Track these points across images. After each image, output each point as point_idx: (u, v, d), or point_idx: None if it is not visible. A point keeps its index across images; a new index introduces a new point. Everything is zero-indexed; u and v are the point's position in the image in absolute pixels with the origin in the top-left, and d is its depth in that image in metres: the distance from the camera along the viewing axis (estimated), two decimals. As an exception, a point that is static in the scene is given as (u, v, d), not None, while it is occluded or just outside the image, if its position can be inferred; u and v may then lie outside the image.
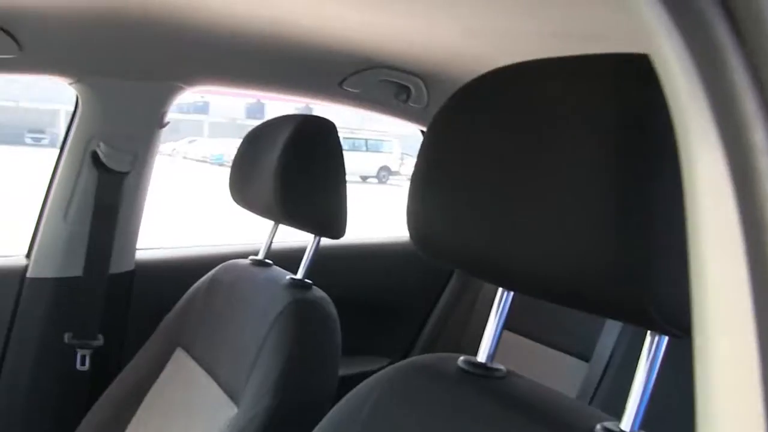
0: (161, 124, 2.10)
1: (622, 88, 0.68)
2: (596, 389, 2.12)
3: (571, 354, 2.38)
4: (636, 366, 0.78)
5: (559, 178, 0.71)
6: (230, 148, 25.27)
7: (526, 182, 0.73)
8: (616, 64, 0.69)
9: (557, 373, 2.32)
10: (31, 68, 1.90)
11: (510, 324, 0.95)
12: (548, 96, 0.75)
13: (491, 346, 0.95)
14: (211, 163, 25.23)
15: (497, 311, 0.95)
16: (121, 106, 2.03)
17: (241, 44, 1.92)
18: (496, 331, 0.95)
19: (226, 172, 1.78)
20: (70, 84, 1.98)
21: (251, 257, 1.82)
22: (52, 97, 34.78)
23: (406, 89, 2.27)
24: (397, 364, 1.04)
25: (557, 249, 0.71)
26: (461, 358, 0.97)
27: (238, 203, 1.77)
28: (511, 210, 0.75)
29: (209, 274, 1.86)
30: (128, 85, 2.00)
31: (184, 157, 29.69)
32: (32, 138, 33.55)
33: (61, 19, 1.70)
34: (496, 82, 0.82)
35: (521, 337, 2.47)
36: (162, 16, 1.69)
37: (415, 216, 0.88)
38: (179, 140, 32.94)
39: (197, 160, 27.94)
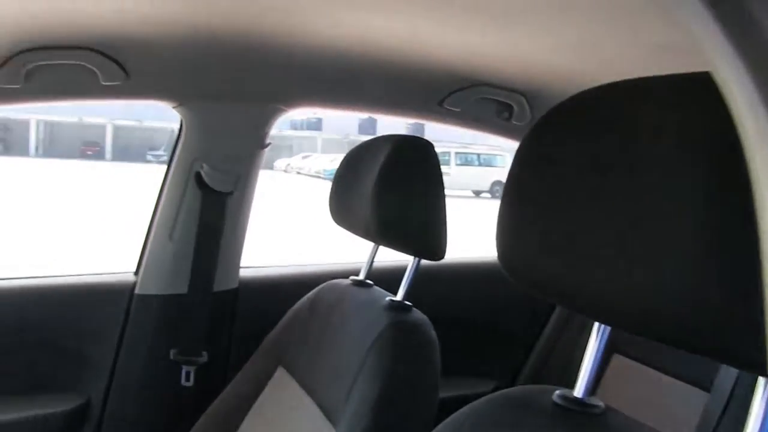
0: (263, 145, 2.13)
1: (723, 112, 0.63)
2: (717, 424, 1.99)
3: (688, 382, 2.23)
4: None
5: (658, 207, 0.66)
6: (343, 163, 25.74)
7: (623, 210, 0.69)
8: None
9: (673, 403, 2.20)
10: (137, 94, 1.97)
11: (621, 348, 0.90)
12: (644, 119, 0.71)
13: (588, 380, 0.91)
14: (324, 178, 25.63)
15: (595, 345, 0.90)
16: (224, 128, 2.07)
17: (342, 65, 1.93)
18: (593, 365, 0.90)
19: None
20: (174, 108, 2.04)
21: (352, 277, 1.82)
22: (172, 116, 36.04)
23: (508, 107, 2.23)
24: (491, 395, 1.00)
25: (657, 284, 0.65)
26: (557, 392, 0.93)
27: (338, 224, 1.77)
28: (608, 239, 0.71)
29: (311, 293, 1.86)
30: (230, 107, 2.04)
31: (298, 173, 30.30)
32: (152, 155, 34.95)
33: (164, 45, 1.75)
34: (589, 102, 0.78)
35: (634, 362, 2.36)
36: (264, 40, 1.72)
37: (504, 241, 0.84)
38: (293, 156, 33.61)
39: (311, 176, 28.48)
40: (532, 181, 0.81)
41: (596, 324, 0.89)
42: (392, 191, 1.54)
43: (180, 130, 2.10)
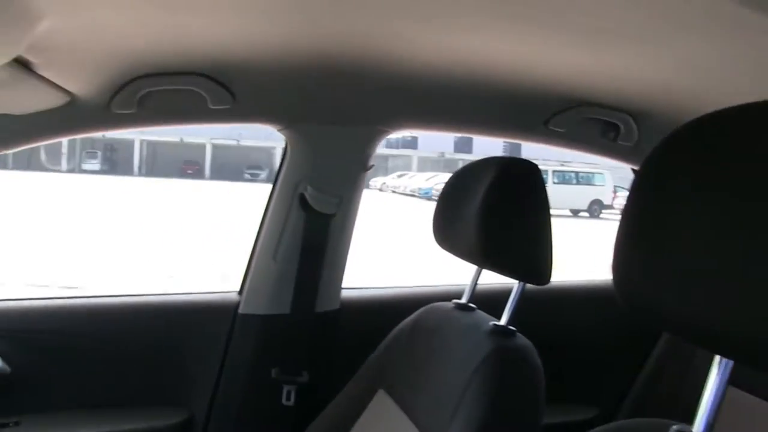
0: (366, 167, 2.14)
1: None
2: None
3: None
4: None
5: None
6: (438, 182, 25.67)
7: (760, 240, 0.66)
8: None
9: None
10: (243, 117, 2.01)
11: (739, 381, 0.85)
12: None
13: (708, 417, 0.86)
14: (420, 197, 25.65)
15: (716, 381, 0.85)
16: (327, 150, 2.10)
17: (446, 87, 1.92)
18: (713, 401, 0.86)
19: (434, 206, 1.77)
20: (279, 130, 2.07)
21: (454, 301, 1.80)
22: (270, 135, 36.81)
23: (615, 127, 2.17)
24: (604, 427, 0.97)
25: None
26: (675, 427, 0.88)
27: (441, 246, 1.75)
28: (735, 270, 0.67)
29: (413, 316, 1.85)
30: (334, 130, 2.07)
31: (393, 191, 30.39)
32: (250, 174, 35.75)
33: (271, 70, 1.78)
34: (723, 125, 0.75)
35: (750, 396, 2.24)
36: (370, 63, 1.73)
37: (621, 267, 0.81)
38: (388, 175, 33.77)
39: (406, 194, 28.53)
40: (657, 205, 0.78)
41: (717, 357, 0.84)
42: (497, 214, 1.52)
43: (285, 152, 2.14)
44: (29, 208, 16.67)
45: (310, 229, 2.12)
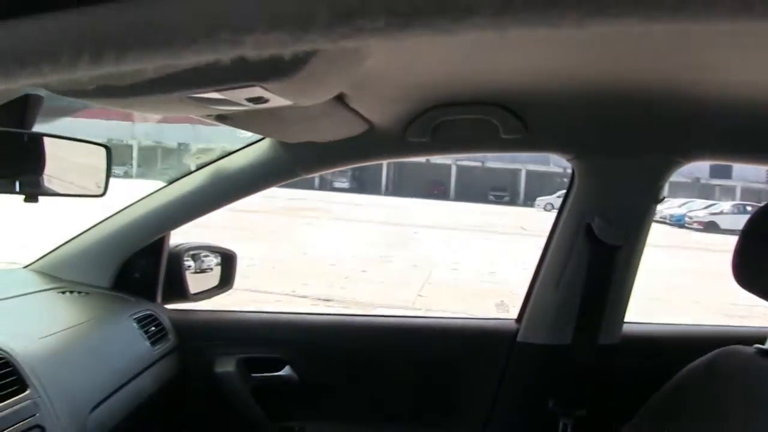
0: (657, 200, 2.06)
1: None
2: None
3: None
4: None
5: None
6: (693, 209, 24.43)
7: None
8: None
9: None
10: (535, 146, 2.02)
11: None
12: None
13: None
14: (671, 224, 24.52)
15: None
16: (618, 181, 2.05)
17: (750, 116, 1.81)
18: None
19: (686, 235, 1.67)
20: (569, 160, 2.05)
21: (756, 345, 1.68)
22: (514, 158, 36.79)
23: None
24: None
25: None
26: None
27: (744, 287, 1.64)
28: None
29: (707, 358, 1.75)
30: (626, 160, 2.01)
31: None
32: (494, 196, 35.83)
33: (565, 100, 1.77)
34: None
35: None
36: (670, 93, 1.67)
37: None
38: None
39: (656, 221, 27.39)
40: None
41: None
42: None
43: (572, 181, 2.11)
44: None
45: (595, 261, 2.07)
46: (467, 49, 1.37)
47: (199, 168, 2.15)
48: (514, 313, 2.30)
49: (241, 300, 2.37)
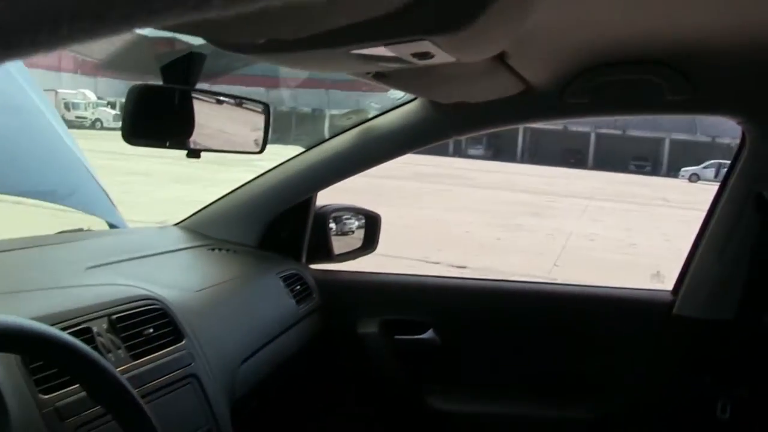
0: None
1: None
2: None
3: None
4: None
5: None
6: None
7: None
8: None
9: None
10: (701, 109, 1.91)
11: None
12: None
13: None
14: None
15: None
16: None
17: None
18: None
19: None
20: (739, 123, 1.92)
21: None
22: (656, 125, 35.61)
23: None
24: None
25: None
26: None
27: None
28: None
29: None
30: None
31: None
32: (635, 165, 34.84)
33: (736, 59, 1.64)
34: None
35: None
36: None
37: None
38: None
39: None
40: None
41: None
42: None
43: (741, 146, 1.97)
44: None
45: (764, 232, 1.94)
46: (632, 5, 1.30)
47: (347, 129, 2.14)
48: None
49: (374, 264, 2.35)
